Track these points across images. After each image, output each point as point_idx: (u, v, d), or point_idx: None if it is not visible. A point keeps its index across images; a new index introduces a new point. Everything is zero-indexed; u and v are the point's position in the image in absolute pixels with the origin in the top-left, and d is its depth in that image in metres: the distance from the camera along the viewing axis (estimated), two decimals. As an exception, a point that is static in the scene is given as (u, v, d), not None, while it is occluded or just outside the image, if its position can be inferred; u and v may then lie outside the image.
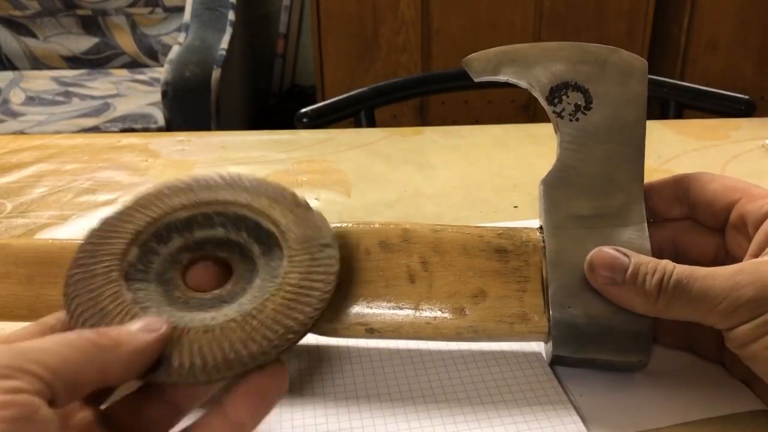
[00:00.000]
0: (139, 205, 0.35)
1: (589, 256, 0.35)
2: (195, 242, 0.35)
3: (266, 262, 0.34)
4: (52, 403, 0.24)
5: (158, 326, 0.29)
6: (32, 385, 0.23)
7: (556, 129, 0.39)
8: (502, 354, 0.39)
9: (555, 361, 0.37)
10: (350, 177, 0.64)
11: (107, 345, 0.26)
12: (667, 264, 0.34)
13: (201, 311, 0.32)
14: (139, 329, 0.28)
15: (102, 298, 0.31)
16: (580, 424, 0.34)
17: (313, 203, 0.58)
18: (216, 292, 0.33)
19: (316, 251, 0.34)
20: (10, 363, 0.23)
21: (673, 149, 0.70)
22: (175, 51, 1.77)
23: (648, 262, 0.34)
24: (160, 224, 0.35)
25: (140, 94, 1.96)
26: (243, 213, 0.35)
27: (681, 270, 0.33)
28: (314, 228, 0.35)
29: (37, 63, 2.14)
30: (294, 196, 0.36)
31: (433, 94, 1.71)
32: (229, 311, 0.31)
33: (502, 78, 0.40)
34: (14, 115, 1.84)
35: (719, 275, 0.32)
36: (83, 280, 0.32)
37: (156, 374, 0.29)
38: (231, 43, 1.86)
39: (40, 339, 0.25)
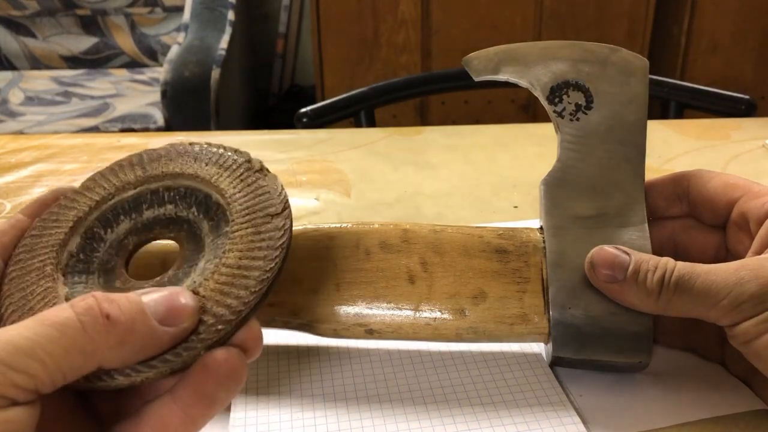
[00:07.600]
0: (84, 188, 0.32)
1: (589, 255, 0.35)
2: (143, 224, 0.32)
3: (213, 239, 0.31)
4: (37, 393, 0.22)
5: (180, 320, 0.26)
6: (18, 396, 0.22)
7: (557, 129, 0.39)
8: (502, 355, 0.39)
9: (555, 362, 0.37)
10: (350, 177, 0.64)
11: (112, 341, 0.24)
12: (668, 261, 0.33)
13: None
14: (160, 318, 0.25)
15: (32, 297, 0.28)
16: (581, 425, 0.34)
17: (313, 203, 0.58)
18: (158, 278, 0.30)
19: (261, 223, 0.30)
20: None
21: (674, 149, 0.69)
22: (174, 51, 1.77)
23: (649, 259, 0.34)
24: (106, 207, 0.32)
25: (139, 94, 1.96)
26: (191, 185, 0.32)
27: (682, 266, 0.33)
28: (263, 196, 0.31)
29: (37, 63, 2.14)
30: (248, 160, 0.33)
31: (433, 94, 1.70)
32: None
33: (502, 77, 0.40)
34: (13, 115, 1.84)
35: (722, 271, 0.32)
36: (18, 278, 0.29)
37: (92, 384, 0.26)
38: (230, 43, 1.86)
39: (24, 329, 0.23)
